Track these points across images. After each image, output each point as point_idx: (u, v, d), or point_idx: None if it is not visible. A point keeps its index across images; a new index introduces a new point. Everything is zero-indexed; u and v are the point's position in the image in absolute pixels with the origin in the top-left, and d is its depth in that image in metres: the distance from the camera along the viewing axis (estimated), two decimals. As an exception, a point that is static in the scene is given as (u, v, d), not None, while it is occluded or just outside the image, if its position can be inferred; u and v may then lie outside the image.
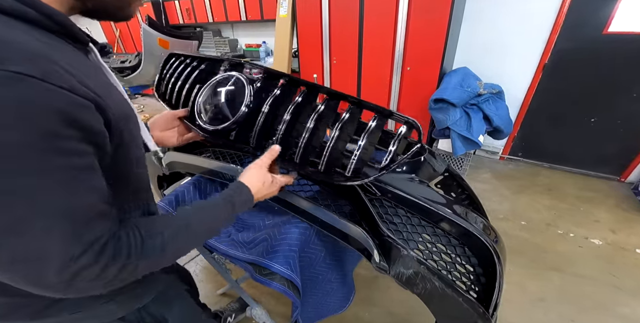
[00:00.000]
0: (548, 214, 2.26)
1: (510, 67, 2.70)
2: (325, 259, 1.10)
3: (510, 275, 1.72)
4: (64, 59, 0.40)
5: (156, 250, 0.48)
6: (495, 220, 2.22)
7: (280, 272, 0.95)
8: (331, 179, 0.85)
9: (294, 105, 0.89)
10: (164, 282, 0.78)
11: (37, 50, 0.37)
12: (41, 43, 0.39)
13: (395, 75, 2.73)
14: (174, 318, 0.81)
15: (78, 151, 0.39)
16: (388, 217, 0.97)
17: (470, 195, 1.22)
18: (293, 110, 0.89)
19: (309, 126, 0.85)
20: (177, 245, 0.53)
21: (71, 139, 0.38)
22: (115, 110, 0.45)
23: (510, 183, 2.70)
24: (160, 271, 0.58)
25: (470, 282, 0.84)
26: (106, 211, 0.44)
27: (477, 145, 2.38)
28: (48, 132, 0.35)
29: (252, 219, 1.22)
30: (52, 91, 0.36)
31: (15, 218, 0.36)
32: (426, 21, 2.37)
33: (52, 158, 0.36)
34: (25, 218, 0.36)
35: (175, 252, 0.53)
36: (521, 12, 2.47)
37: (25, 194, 0.36)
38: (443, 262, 0.87)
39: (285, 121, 0.88)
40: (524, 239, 2.02)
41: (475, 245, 0.90)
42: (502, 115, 2.42)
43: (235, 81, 0.95)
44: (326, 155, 0.83)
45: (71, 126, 0.37)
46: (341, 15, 2.75)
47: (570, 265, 1.81)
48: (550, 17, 2.38)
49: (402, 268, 0.84)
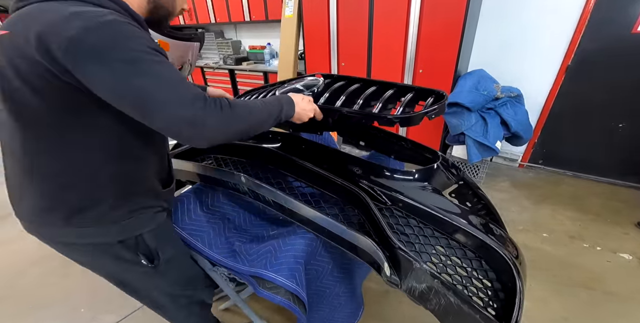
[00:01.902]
0: (572, 226, 2.23)
1: (529, 69, 2.69)
2: (332, 272, 1.10)
3: (532, 291, 1.69)
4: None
5: (241, 114, 0.75)
6: (515, 231, 2.19)
7: (285, 286, 0.95)
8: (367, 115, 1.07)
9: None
10: (161, 218, 0.93)
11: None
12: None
13: (406, 78, 2.74)
14: (165, 254, 0.95)
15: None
16: (399, 227, 0.97)
17: (487, 205, 1.21)
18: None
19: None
20: (253, 115, 0.79)
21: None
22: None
23: (530, 192, 2.67)
24: (159, 207, 0.91)
25: (488, 298, 0.84)
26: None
27: (494, 152, 2.37)
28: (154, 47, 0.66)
29: (255, 229, 1.23)
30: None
31: (167, 75, 0.65)
32: (440, 20, 2.38)
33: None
34: (171, 73, 0.66)
35: (251, 121, 0.78)
36: (542, 10, 2.47)
37: (169, 66, 0.67)
38: (458, 276, 0.87)
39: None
40: (546, 253, 1.99)
41: (493, 259, 0.89)
42: (521, 120, 2.41)
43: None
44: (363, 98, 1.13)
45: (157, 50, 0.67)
46: (350, 15, 2.78)
47: (597, 281, 1.78)
48: (573, 15, 2.37)
49: (415, 282, 0.84)
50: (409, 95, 1.13)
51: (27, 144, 0.72)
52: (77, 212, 0.78)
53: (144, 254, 0.91)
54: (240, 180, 1.15)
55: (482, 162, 2.67)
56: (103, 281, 0.99)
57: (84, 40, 0.59)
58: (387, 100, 1.13)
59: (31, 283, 1.92)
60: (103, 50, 0.60)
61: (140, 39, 0.63)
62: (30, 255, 2.11)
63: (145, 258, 0.91)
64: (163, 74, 0.64)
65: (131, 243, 0.87)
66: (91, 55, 0.59)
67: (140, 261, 0.91)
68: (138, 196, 0.85)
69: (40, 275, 1.97)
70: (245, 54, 4.54)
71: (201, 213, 1.16)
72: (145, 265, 0.92)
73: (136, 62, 0.62)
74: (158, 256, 0.94)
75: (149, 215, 0.89)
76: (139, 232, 0.87)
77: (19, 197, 0.81)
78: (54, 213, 0.77)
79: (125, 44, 0.61)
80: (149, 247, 0.91)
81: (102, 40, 0.59)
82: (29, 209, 0.80)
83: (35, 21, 0.61)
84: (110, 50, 0.60)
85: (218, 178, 1.23)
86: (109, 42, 0.60)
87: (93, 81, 0.62)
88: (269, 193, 1.10)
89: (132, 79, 0.62)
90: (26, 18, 0.63)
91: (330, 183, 1.13)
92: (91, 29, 0.59)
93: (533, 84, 2.69)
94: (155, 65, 0.64)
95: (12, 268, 2.04)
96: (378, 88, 1.19)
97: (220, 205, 1.24)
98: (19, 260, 2.09)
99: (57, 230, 0.80)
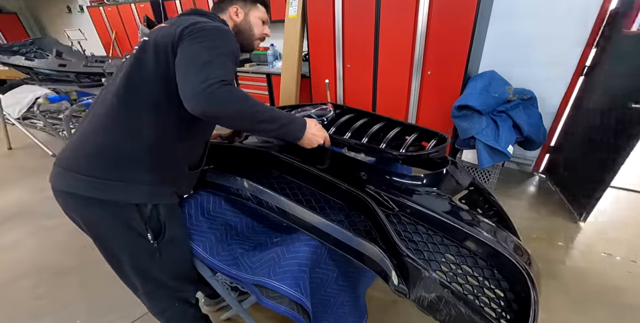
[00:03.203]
0: (589, 234, 2.20)
1: (543, 70, 2.68)
2: (337, 280, 1.10)
3: (547, 303, 1.67)
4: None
5: (244, 98, 0.88)
6: (528, 240, 2.17)
7: (289, 295, 0.95)
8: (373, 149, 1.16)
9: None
10: (176, 200, 1.09)
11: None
12: None
13: (414, 80, 2.75)
14: (171, 231, 1.05)
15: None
16: (407, 234, 0.97)
17: (499, 211, 1.21)
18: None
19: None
20: (255, 107, 0.89)
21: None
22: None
23: (544, 199, 2.65)
24: (174, 193, 1.07)
25: (501, 308, 0.83)
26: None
27: (505, 157, 2.36)
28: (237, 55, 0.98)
29: (258, 236, 1.23)
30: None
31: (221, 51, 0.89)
32: (449, 20, 2.39)
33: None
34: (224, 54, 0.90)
35: (251, 108, 0.88)
36: (557, 8, 2.45)
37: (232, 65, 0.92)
38: (469, 285, 0.86)
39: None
40: (562, 262, 1.97)
41: (506, 268, 0.89)
42: (534, 124, 2.40)
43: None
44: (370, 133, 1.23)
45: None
46: (356, 15, 2.80)
47: (616, 292, 1.75)
48: (591, 14, 2.35)
49: (424, 291, 0.84)
50: (414, 135, 1.22)
51: (121, 100, 0.93)
52: (117, 164, 0.94)
53: (152, 229, 1.01)
54: (243, 186, 1.16)
55: (493, 167, 2.66)
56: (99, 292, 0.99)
57: (198, 25, 0.91)
58: (393, 137, 1.23)
59: (24, 294, 1.92)
60: (203, 34, 0.90)
61: (233, 43, 0.95)
62: (23, 265, 2.12)
63: (151, 233, 1.01)
64: (225, 62, 0.88)
65: (146, 212, 0.98)
66: (194, 32, 0.89)
67: (147, 235, 1.00)
68: (167, 170, 1.02)
69: (34, 286, 1.97)
70: (247, 56, 4.58)
71: (202, 219, 1.17)
72: (148, 239, 1.01)
73: (216, 48, 0.88)
74: (164, 233, 1.03)
75: (169, 191, 1.04)
76: (157, 201, 1.00)
77: (79, 146, 0.96)
78: (100, 160, 0.93)
79: (220, 37, 0.92)
80: (160, 220, 1.02)
81: (208, 30, 0.91)
82: (81, 155, 0.94)
83: (183, 21, 0.94)
84: (208, 35, 0.90)
85: (220, 184, 1.24)
86: (211, 31, 0.91)
87: (181, 47, 0.89)
88: (272, 199, 1.11)
89: (200, 50, 0.87)
90: (179, 19, 0.99)
91: (336, 188, 1.13)
92: (208, 23, 0.94)
93: (547, 86, 2.68)
94: (224, 57, 0.88)
95: (4, 278, 2.04)
96: (385, 124, 1.30)
97: (222, 211, 1.24)
98: (11, 270, 2.10)
99: (94, 180, 0.92)
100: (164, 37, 0.92)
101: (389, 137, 1.21)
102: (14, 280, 2.01)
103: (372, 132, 1.23)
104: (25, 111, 3.36)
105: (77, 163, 0.94)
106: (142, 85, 0.93)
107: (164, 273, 1.10)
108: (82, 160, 0.93)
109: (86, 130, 0.96)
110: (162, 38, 0.92)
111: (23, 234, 2.39)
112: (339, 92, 3.25)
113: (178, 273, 1.14)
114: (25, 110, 3.35)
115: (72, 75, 3.70)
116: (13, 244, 2.31)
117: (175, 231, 1.07)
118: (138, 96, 0.93)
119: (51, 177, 0.97)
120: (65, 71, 3.70)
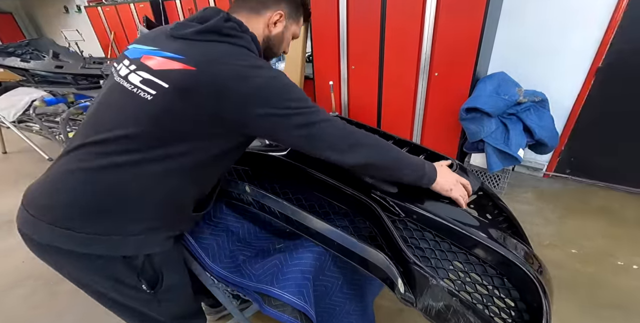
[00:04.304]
0: (604, 242, 2.20)
1: (556, 71, 2.68)
2: (342, 288, 1.11)
3: (560, 313, 1.65)
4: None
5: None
6: (540, 247, 2.17)
7: (293, 303, 0.96)
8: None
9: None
10: (171, 244, 0.95)
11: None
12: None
13: (421, 82, 2.76)
14: (169, 279, 0.96)
15: None
16: (413, 241, 0.97)
17: (509, 217, 1.21)
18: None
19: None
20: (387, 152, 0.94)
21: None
22: None
23: (556, 204, 2.64)
24: (171, 237, 0.93)
25: (512, 319, 0.83)
26: None
27: (516, 161, 2.36)
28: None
29: (261, 243, 1.24)
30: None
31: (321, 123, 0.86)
32: (457, 19, 2.39)
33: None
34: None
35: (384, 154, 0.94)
36: (569, 6, 2.45)
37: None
38: (478, 294, 0.87)
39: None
40: (575, 270, 1.97)
41: (516, 276, 0.89)
42: (546, 127, 2.40)
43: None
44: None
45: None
46: (360, 15, 2.81)
47: (634, 303, 1.74)
48: (605, 13, 2.35)
49: (431, 300, 0.84)
50: (422, 156, 1.22)
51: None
52: (96, 213, 0.81)
53: (146, 280, 0.91)
54: (245, 190, 1.17)
55: (503, 171, 2.66)
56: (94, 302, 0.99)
57: (258, 95, 0.82)
58: None
59: (19, 303, 1.93)
60: (282, 113, 0.84)
61: (301, 93, 0.89)
62: (18, 273, 2.13)
63: (146, 284, 0.91)
64: (325, 127, 0.89)
65: (137, 264, 0.88)
66: (270, 116, 0.85)
67: (141, 286, 0.91)
68: (168, 215, 0.91)
69: (29, 294, 1.98)
70: (249, 57, 4.60)
71: (203, 225, 1.18)
72: (144, 290, 0.92)
73: (309, 119, 0.87)
74: (161, 282, 0.94)
75: (162, 237, 0.91)
76: (149, 251, 0.88)
77: (55, 192, 0.83)
78: (74, 209, 0.80)
79: (292, 99, 0.86)
80: (155, 270, 0.92)
81: (277, 100, 0.85)
82: (58, 207, 0.81)
83: (216, 70, 0.82)
84: (288, 109, 0.85)
85: (221, 188, 1.25)
86: (280, 96, 0.85)
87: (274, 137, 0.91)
88: (274, 204, 1.12)
89: (307, 137, 0.89)
90: (206, 59, 0.83)
91: (340, 193, 1.14)
92: (256, 77, 0.82)
93: (559, 88, 2.68)
94: (322, 123, 0.89)
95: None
96: (392, 143, 1.28)
97: (223, 217, 1.25)
98: (5, 278, 2.10)
99: (70, 233, 0.80)
100: (192, 96, 0.78)
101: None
102: (8, 289, 2.02)
103: None
104: (21, 114, 3.37)
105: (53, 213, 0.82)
106: (173, 134, 0.82)
107: (165, 316, 1.04)
108: (65, 210, 0.81)
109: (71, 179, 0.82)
110: (189, 96, 0.78)
111: (18, 241, 2.38)
112: (344, 94, 3.26)
113: (182, 314, 1.09)
114: (20, 113, 3.36)
115: (69, 77, 3.71)
116: (7, 251, 2.32)
117: (173, 278, 0.99)
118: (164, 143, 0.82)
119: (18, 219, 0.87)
120: (62, 73, 3.71)
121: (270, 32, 0.98)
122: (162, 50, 0.83)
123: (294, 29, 1.05)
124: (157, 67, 0.81)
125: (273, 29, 0.98)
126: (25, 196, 0.87)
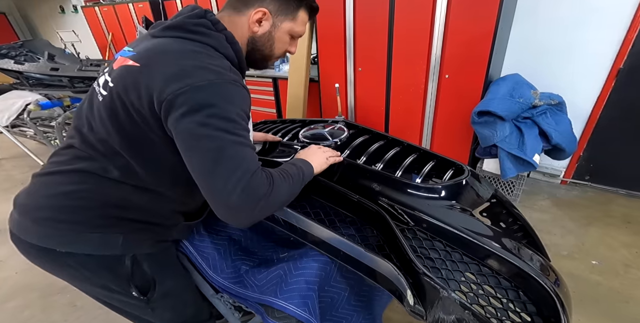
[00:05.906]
0: (627, 252, 2.18)
1: (572, 73, 2.69)
2: (349, 300, 1.11)
3: (580, 329, 1.65)
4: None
5: (283, 184, 0.84)
6: (557, 258, 2.16)
7: (297, 315, 0.96)
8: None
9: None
10: (158, 249, 0.98)
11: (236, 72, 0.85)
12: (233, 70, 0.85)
13: (431, 84, 2.76)
14: (163, 286, 0.98)
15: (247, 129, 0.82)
16: (423, 251, 0.97)
17: (524, 226, 1.21)
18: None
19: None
20: (289, 188, 0.87)
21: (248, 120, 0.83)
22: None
23: (575, 213, 2.63)
24: (160, 241, 0.97)
25: (527, 333, 0.83)
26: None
27: (531, 167, 2.36)
28: (246, 114, 0.81)
29: (264, 252, 1.25)
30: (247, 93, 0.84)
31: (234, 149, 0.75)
32: (469, 19, 2.39)
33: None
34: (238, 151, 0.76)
35: (289, 190, 0.87)
36: (588, 5, 2.46)
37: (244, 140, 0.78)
38: (492, 308, 0.87)
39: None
40: (596, 283, 1.95)
41: (532, 289, 0.89)
42: (563, 131, 2.40)
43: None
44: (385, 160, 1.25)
45: (247, 115, 0.82)
46: (368, 14, 2.83)
47: (657, 318, 1.73)
48: (626, 12, 2.36)
49: (442, 313, 0.84)
50: (431, 163, 1.25)
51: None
52: (70, 213, 0.85)
53: (136, 285, 0.92)
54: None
55: (517, 177, 2.65)
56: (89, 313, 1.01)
57: (186, 95, 0.76)
58: (409, 165, 1.26)
59: (10, 317, 1.93)
60: (200, 116, 0.77)
61: (240, 105, 0.81)
62: (9, 285, 2.14)
63: (136, 290, 0.92)
64: (238, 150, 0.79)
65: (124, 268, 0.90)
66: (188, 115, 0.79)
67: (131, 293, 0.92)
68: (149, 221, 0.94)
69: (21, 308, 1.98)
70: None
71: (204, 233, 1.19)
72: (136, 297, 0.93)
73: (223, 134, 0.78)
74: (154, 287, 0.96)
75: (148, 240, 0.94)
76: (134, 251, 0.91)
77: (34, 192, 0.89)
78: (53, 209, 0.85)
79: (221, 108, 0.77)
80: (147, 275, 0.94)
81: (203, 103, 0.77)
82: (38, 205, 0.86)
83: (155, 65, 0.80)
84: (207, 114, 0.78)
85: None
86: (207, 101, 0.77)
87: (178, 138, 0.82)
88: (278, 212, 1.13)
89: (206, 152, 0.79)
90: (149, 54, 0.83)
91: (347, 200, 1.15)
92: (196, 79, 0.76)
93: (577, 90, 2.68)
94: (236, 145, 0.79)
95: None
96: (401, 149, 1.34)
97: (225, 224, 1.27)
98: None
99: (58, 233, 0.85)
100: (129, 93, 0.77)
101: (405, 164, 1.23)
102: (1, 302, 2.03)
103: (388, 159, 1.26)
104: (15, 118, 3.38)
105: (57, 215, 0.86)
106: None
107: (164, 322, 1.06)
108: (61, 209, 0.86)
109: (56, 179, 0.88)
110: (127, 94, 0.77)
111: (9, 252, 2.41)
112: (350, 97, 3.27)
113: (182, 321, 1.11)
114: (14, 117, 3.37)
115: (65, 79, 3.73)
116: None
117: (168, 285, 1.00)
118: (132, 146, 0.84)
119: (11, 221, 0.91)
120: (58, 75, 3.74)
121: (254, 31, 0.92)
122: (134, 50, 0.84)
123: (289, 27, 0.96)
124: (116, 66, 0.84)
125: (257, 28, 0.92)
126: (15, 200, 0.91)
